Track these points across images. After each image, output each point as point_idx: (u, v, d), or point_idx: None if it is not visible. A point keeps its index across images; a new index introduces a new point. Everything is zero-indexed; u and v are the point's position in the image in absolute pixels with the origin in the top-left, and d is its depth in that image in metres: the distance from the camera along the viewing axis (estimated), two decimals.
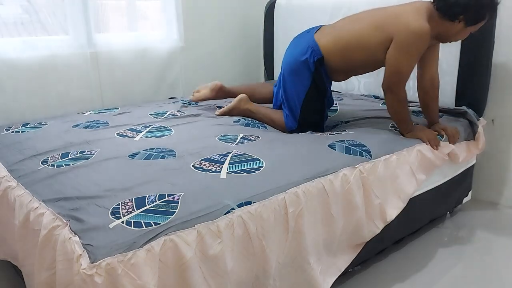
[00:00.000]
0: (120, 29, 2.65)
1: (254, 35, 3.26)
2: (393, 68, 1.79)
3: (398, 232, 1.89)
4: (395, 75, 1.80)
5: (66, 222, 1.16)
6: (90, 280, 1.01)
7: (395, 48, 1.77)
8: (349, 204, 1.53)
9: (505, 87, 2.26)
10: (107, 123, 2.04)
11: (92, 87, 2.50)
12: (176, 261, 1.12)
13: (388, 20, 1.81)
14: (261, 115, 2.15)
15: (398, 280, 1.74)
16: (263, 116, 2.14)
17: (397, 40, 1.76)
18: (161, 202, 1.24)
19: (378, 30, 1.82)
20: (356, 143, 1.74)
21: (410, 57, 1.78)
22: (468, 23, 1.74)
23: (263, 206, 1.29)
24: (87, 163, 1.54)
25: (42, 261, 1.18)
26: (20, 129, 1.98)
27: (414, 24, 1.73)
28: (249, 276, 1.28)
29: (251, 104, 2.20)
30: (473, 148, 2.06)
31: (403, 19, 1.76)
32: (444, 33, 1.80)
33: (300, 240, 1.38)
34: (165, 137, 1.83)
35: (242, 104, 2.19)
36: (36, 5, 2.26)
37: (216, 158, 1.56)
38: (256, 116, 2.16)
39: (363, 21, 1.90)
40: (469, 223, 2.22)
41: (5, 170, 1.55)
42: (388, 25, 1.80)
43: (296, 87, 2.00)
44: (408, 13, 1.77)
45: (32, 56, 2.27)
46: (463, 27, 1.76)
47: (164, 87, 2.81)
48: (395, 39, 1.77)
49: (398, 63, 1.78)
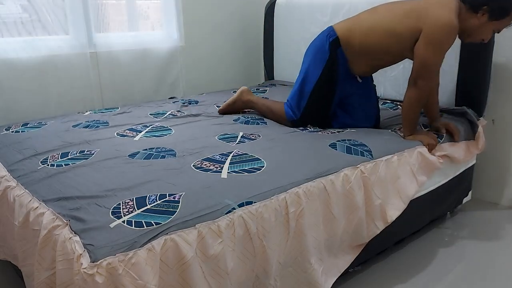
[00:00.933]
0: (120, 29, 2.65)
1: (254, 35, 3.26)
2: (421, 60, 1.77)
3: (398, 233, 1.88)
4: (422, 68, 1.78)
5: (66, 222, 1.16)
6: (91, 279, 1.01)
7: (424, 40, 1.75)
8: (350, 204, 1.52)
9: (505, 87, 2.26)
10: (107, 123, 2.04)
11: (92, 87, 2.50)
12: (177, 260, 1.12)
13: (419, 10, 1.79)
14: (262, 105, 2.16)
15: (399, 280, 1.74)
16: (264, 107, 2.15)
17: (426, 33, 1.74)
18: (162, 201, 1.24)
19: (406, 17, 1.80)
20: (357, 143, 1.74)
21: (438, 51, 1.76)
22: (491, 15, 1.73)
23: (264, 206, 1.28)
24: (87, 162, 1.54)
25: (42, 261, 1.18)
26: (20, 129, 1.98)
27: (445, 18, 1.72)
28: (249, 276, 1.27)
29: (252, 95, 2.22)
30: (473, 148, 2.06)
31: (434, 11, 1.75)
32: (468, 29, 1.79)
33: (300, 240, 1.38)
34: (165, 137, 1.83)
35: (244, 95, 2.20)
36: (36, 4, 2.26)
37: (217, 158, 1.56)
38: (257, 106, 2.18)
39: (388, 9, 1.88)
40: (469, 223, 2.22)
41: (5, 170, 1.55)
42: (418, 14, 1.77)
43: (308, 73, 1.97)
44: (438, 6, 1.76)
45: (32, 56, 2.27)
46: (486, 20, 1.75)
47: (164, 87, 2.81)
48: (424, 31, 1.75)
49: (426, 56, 1.76)
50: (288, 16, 2.90)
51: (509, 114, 2.28)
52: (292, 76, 2.96)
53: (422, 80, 1.79)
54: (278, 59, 3.05)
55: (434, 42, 1.74)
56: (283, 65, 3.03)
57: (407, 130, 1.86)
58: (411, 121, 1.86)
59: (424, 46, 1.75)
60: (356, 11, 2.49)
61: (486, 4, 1.72)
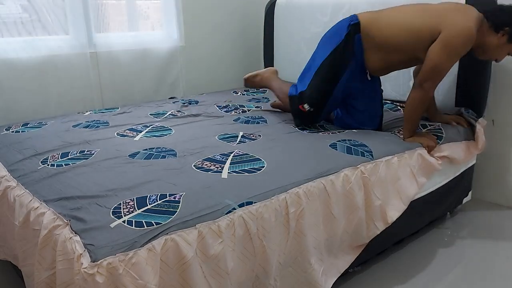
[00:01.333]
0: (120, 29, 2.65)
1: (254, 35, 3.26)
2: (433, 63, 1.76)
3: (398, 233, 1.88)
4: (432, 71, 1.77)
5: (66, 222, 1.16)
6: (91, 279, 1.01)
7: (440, 43, 1.74)
8: (350, 205, 1.52)
9: (505, 88, 2.26)
10: (107, 123, 2.04)
11: (92, 87, 2.50)
12: (177, 260, 1.12)
13: (441, 13, 1.78)
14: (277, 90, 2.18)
15: (399, 280, 1.74)
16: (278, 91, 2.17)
17: (445, 36, 1.73)
18: (162, 201, 1.24)
19: (429, 17, 1.79)
20: (357, 143, 1.74)
21: (452, 56, 1.76)
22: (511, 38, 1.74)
23: (264, 206, 1.28)
24: (87, 162, 1.54)
25: (42, 261, 1.18)
26: (20, 129, 1.98)
27: (465, 26, 1.72)
28: (249, 276, 1.28)
29: (276, 78, 2.24)
30: (473, 148, 2.06)
31: (456, 17, 1.75)
32: (485, 45, 1.79)
33: (301, 241, 1.38)
34: (165, 137, 1.83)
35: (269, 73, 2.23)
36: (36, 4, 2.26)
37: (217, 158, 1.56)
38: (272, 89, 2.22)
39: (413, 9, 1.87)
40: (469, 223, 2.22)
41: (5, 170, 1.55)
42: (439, 17, 1.77)
43: (319, 51, 1.97)
44: (461, 14, 1.76)
45: (32, 56, 2.27)
46: (505, 42, 1.76)
47: (164, 87, 2.81)
48: (443, 34, 1.74)
49: (439, 59, 1.75)
50: (288, 16, 2.90)
51: (509, 114, 2.29)
52: (292, 76, 2.97)
53: (429, 83, 1.79)
54: (278, 59, 3.05)
55: (450, 47, 1.74)
56: (283, 65, 3.03)
57: (407, 132, 1.86)
58: (412, 122, 1.86)
59: (440, 49, 1.74)
60: (356, 11, 2.49)
61: (509, 26, 1.73)
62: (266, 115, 2.20)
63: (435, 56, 1.75)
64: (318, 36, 2.06)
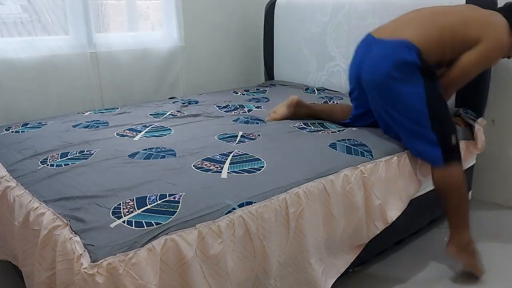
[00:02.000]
0: (120, 29, 2.65)
1: (254, 35, 3.26)
2: (466, 69, 1.73)
3: (398, 233, 1.88)
4: (462, 76, 1.76)
5: (66, 222, 1.16)
6: (91, 279, 1.01)
7: (477, 52, 1.70)
8: (350, 205, 1.52)
9: (505, 87, 2.26)
10: (107, 123, 2.04)
11: (92, 87, 2.50)
12: (177, 260, 1.12)
13: (479, 19, 1.74)
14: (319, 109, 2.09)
15: (398, 281, 1.74)
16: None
17: (484, 47, 1.70)
18: (162, 202, 1.24)
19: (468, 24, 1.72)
20: (357, 143, 1.74)
21: (484, 66, 1.77)
22: None
23: (264, 206, 1.28)
24: (87, 162, 1.54)
25: (42, 261, 1.18)
26: (20, 129, 1.98)
27: (504, 38, 1.71)
28: (249, 276, 1.28)
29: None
30: (473, 148, 2.06)
31: (496, 28, 1.72)
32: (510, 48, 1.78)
33: (300, 241, 1.38)
34: (164, 137, 1.83)
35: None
36: (36, 4, 2.26)
37: (217, 158, 1.56)
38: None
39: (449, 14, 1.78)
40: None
41: (5, 170, 1.55)
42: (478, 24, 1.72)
43: (407, 97, 1.69)
44: (499, 24, 1.73)
45: (32, 56, 2.27)
46: None
47: (164, 87, 2.81)
48: (483, 43, 1.69)
49: (473, 68, 1.73)
50: (288, 16, 2.90)
51: (509, 114, 2.29)
52: (292, 76, 2.97)
53: (454, 87, 1.79)
54: (278, 59, 3.05)
55: (488, 59, 1.74)
56: (283, 65, 3.03)
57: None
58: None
59: (477, 59, 1.72)
60: (356, 11, 2.50)
61: None
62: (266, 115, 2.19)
63: (470, 64, 1.73)
64: (318, 36, 2.04)
